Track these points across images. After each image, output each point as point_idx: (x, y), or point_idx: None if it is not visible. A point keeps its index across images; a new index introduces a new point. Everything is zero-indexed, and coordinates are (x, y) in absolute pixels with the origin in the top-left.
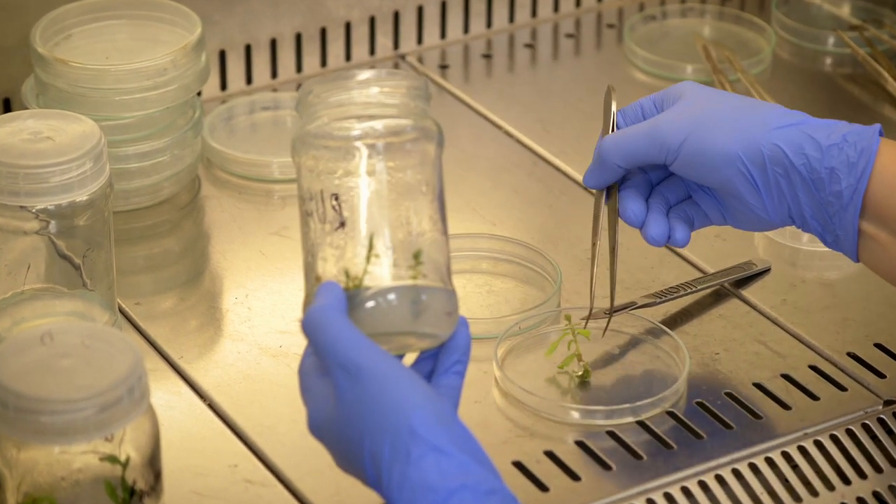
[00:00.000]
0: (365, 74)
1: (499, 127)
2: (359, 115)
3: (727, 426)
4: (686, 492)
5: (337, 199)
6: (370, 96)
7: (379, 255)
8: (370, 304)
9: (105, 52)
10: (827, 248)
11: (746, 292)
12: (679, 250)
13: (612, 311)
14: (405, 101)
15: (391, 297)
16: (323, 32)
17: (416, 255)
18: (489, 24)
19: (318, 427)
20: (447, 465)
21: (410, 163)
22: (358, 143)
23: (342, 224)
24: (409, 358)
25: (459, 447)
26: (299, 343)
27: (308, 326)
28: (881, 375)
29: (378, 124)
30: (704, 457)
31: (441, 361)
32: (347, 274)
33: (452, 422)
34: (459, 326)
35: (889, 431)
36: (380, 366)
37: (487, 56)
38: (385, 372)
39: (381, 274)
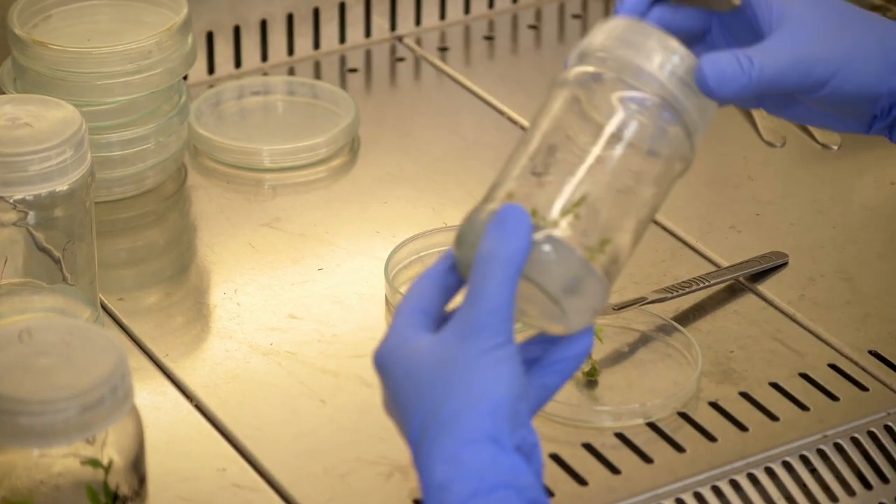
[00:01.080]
0: (671, 43)
1: (501, 112)
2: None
3: (742, 428)
4: (698, 497)
5: (572, 144)
6: (661, 66)
7: (577, 216)
8: (544, 248)
9: (86, 34)
10: (847, 240)
11: (762, 287)
12: (693, 244)
13: (621, 306)
14: (692, 91)
15: (564, 256)
16: (316, 13)
17: (604, 242)
18: (491, 5)
19: (391, 360)
20: (501, 461)
21: (657, 155)
22: (624, 105)
23: (561, 171)
24: None
25: (520, 450)
26: (291, 340)
27: (485, 260)
28: None
29: (650, 100)
30: (718, 460)
31: (549, 355)
32: (537, 213)
33: (524, 427)
34: (585, 330)
35: None
36: (500, 339)
37: (489, 38)
38: (500, 346)
39: (568, 233)
